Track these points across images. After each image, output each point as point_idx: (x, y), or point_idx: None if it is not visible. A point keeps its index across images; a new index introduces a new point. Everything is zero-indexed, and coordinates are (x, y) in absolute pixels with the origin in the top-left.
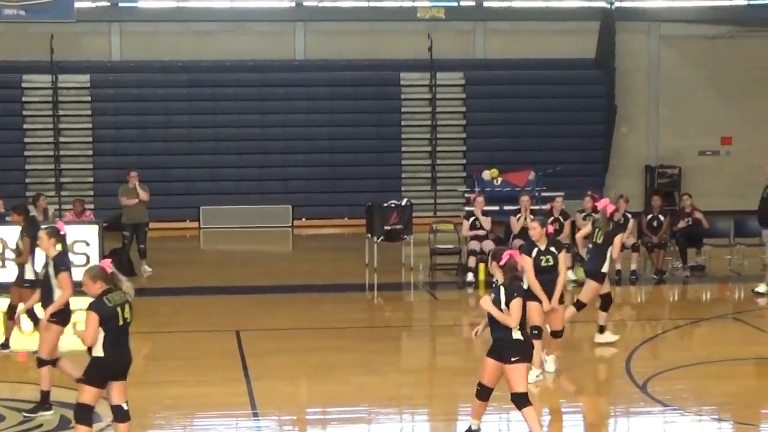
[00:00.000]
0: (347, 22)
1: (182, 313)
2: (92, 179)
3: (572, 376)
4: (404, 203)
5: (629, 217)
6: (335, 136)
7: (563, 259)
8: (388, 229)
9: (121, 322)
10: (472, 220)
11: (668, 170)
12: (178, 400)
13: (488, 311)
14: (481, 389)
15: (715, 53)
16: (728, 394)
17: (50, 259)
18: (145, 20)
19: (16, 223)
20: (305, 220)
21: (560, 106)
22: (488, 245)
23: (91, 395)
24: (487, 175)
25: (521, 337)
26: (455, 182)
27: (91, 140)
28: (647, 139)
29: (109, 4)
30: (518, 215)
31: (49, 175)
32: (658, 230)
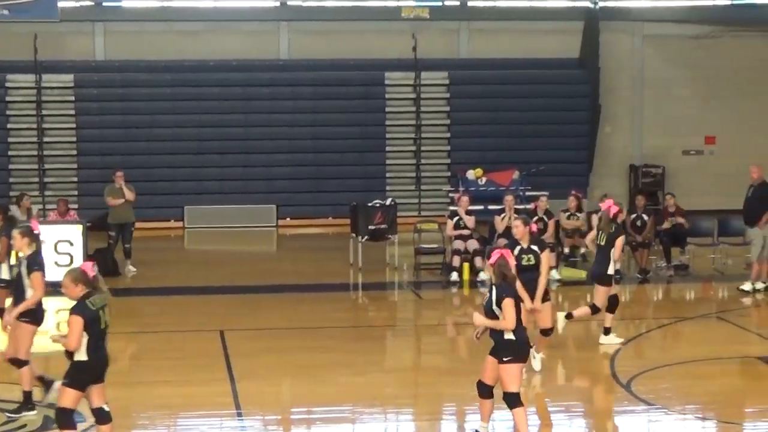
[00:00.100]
0: (332, 21)
1: (166, 313)
2: (76, 179)
3: (557, 375)
4: (389, 203)
5: None
6: (320, 135)
7: (546, 258)
8: (372, 228)
9: (102, 325)
10: (456, 219)
11: (652, 170)
12: (162, 400)
13: (488, 324)
14: (479, 386)
15: (698, 53)
16: (712, 392)
17: (24, 258)
18: (129, 20)
19: None
20: (290, 219)
21: (544, 105)
22: (472, 245)
23: (73, 399)
24: (471, 174)
25: (513, 337)
26: (440, 182)
27: (75, 140)
28: (631, 138)
29: (93, 3)
30: (503, 215)
31: (32, 174)
32: (642, 230)
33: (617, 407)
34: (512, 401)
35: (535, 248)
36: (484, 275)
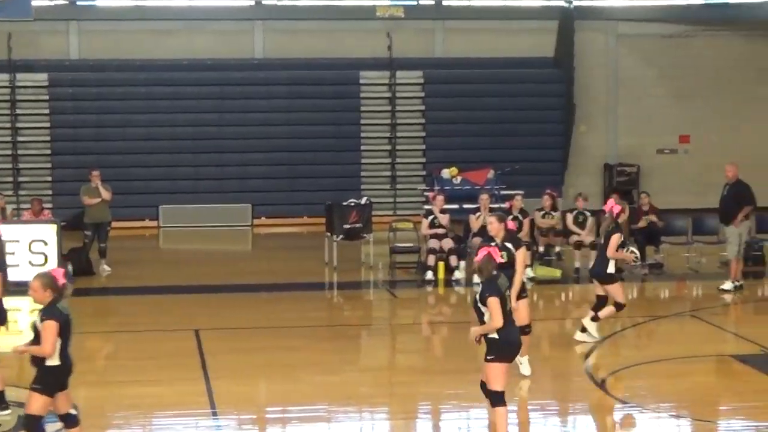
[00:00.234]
0: (306, 20)
1: (141, 312)
2: (50, 178)
3: (531, 374)
4: (364, 202)
5: (588, 215)
6: (294, 134)
7: (521, 256)
8: (347, 227)
9: (72, 329)
10: (431, 218)
11: (627, 168)
12: (136, 399)
13: (478, 332)
14: (482, 386)
15: (672, 52)
16: (686, 391)
17: None
18: (103, 19)
19: None
20: (264, 218)
21: (519, 104)
22: (447, 243)
23: (43, 405)
24: (446, 173)
25: (496, 336)
26: (415, 181)
27: (49, 139)
28: (606, 137)
29: (67, 2)
30: (477, 214)
31: (6, 174)
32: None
33: (592, 405)
34: (493, 400)
35: (509, 246)
36: (459, 274)
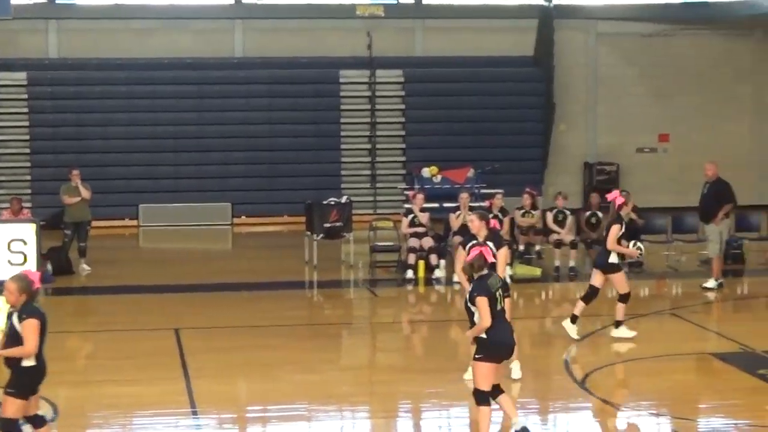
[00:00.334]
0: (286, 19)
1: (121, 311)
2: (29, 177)
3: (511, 371)
4: (344, 201)
5: (567, 213)
6: (274, 133)
7: (502, 255)
8: (327, 226)
9: (47, 329)
10: (411, 217)
11: (606, 167)
12: (116, 399)
13: (470, 335)
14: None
15: (652, 51)
16: (666, 389)
17: None
18: (83, 18)
19: None
20: (245, 217)
21: (499, 103)
22: (428, 242)
23: (19, 408)
24: (426, 172)
25: (485, 336)
26: (395, 180)
27: (28, 138)
28: (585, 136)
29: (46, 1)
30: (458, 212)
31: None
32: (596, 227)
33: (572, 404)
34: (477, 398)
35: (490, 244)
36: (439, 273)
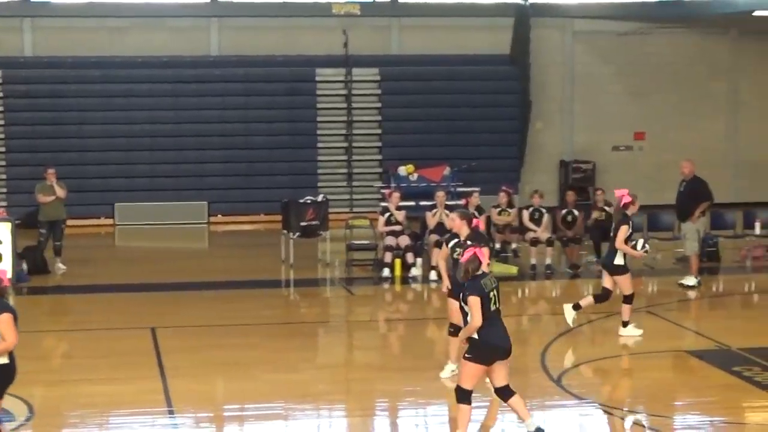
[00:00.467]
0: (262, 18)
1: (97, 310)
2: (5, 176)
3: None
4: (320, 199)
5: (544, 212)
6: (250, 132)
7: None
8: (304, 225)
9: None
10: (387, 215)
11: (582, 165)
12: (92, 398)
13: (463, 336)
14: (495, 391)
15: (627, 49)
16: (642, 386)
17: None
18: (58, 16)
19: None
20: (221, 216)
21: (475, 101)
22: (404, 241)
23: None
24: (403, 170)
25: (476, 336)
26: (371, 178)
27: (3, 137)
28: (561, 134)
29: None
30: (434, 210)
31: None
32: (572, 225)
33: (548, 402)
34: (458, 396)
35: (468, 243)
36: (415, 271)
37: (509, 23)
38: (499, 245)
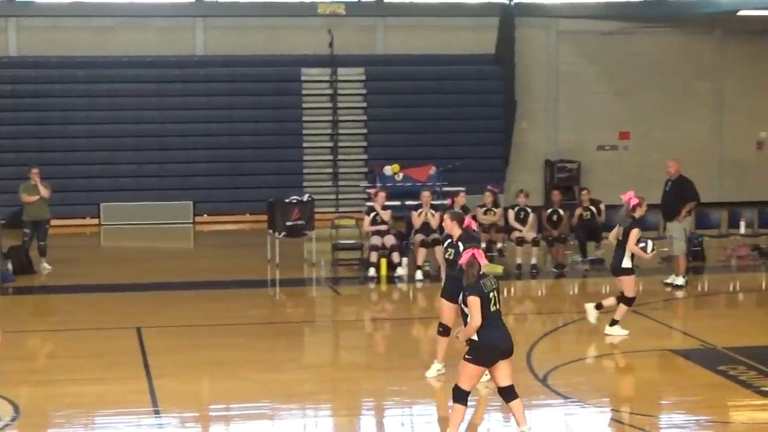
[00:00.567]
0: (247, 17)
1: (82, 310)
2: None
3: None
4: (306, 199)
5: (529, 211)
6: (236, 131)
7: None
8: (289, 224)
9: None
10: (373, 215)
11: (568, 165)
12: (78, 398)
13: (463, 337)
14: (498, 392)
15: (612, 49)
16: (627, 385)
17: None
18: (42, 15)
19: None
20: (206, 216)
21: (461, 101)
22: (389, 240)
23: None
24: (388, 170)
25: (476, 337)
26: (357, 178)
27: None
28: (547, 134)
29: None
30: (419, 210)
31: None
32: (558, 224)
33: (534, 401)
34: (455, 395)
35: (459, 244)
36: (401, 271)
37: (494, 23)
38: (484, 245)
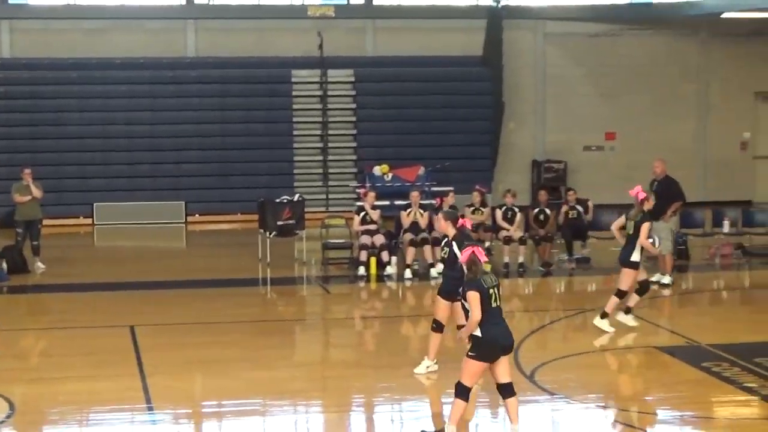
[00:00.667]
0: (238, 20)
1: (76, 309)
2: None
3: (460, 366)
4: (296, 198)
5: (516, 211)
6: (227, 132)
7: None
8: (280, 224)
9: None
10: (362, 214)
11: (554, 165)
12: (72, 395)
13: (465, 333)
14: (497, 387)
15: (598, 51)
16: (613, 382)
17: None
18: (35, 17)
19: None
20: (198, 216)
21: (449, 102)
22: (379, 239)
23: None
24: (378, 170)
25: (479, 333)
26: (346, 178)
27: None
28: (534, 134)
29: None
30: (408, 210)
31: None
32: (544, 224)
33: (521, 397)
34: (458, 391)
35: (454, 243)
36: (390, 269)
37: (482, 25)
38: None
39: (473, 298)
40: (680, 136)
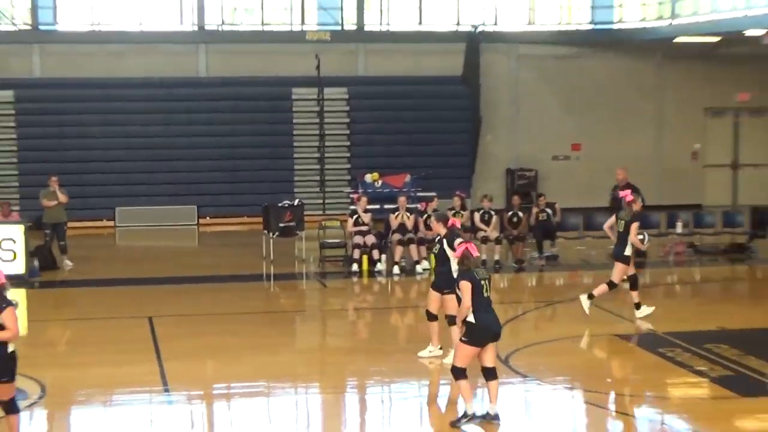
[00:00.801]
0: (245, 43)
1: (100, 302)
2: (17, 183)
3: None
4: (296, 203)
5: (493, 213)
6: (235, 144)
7: (452, 253)
8: (282, 226)
9: None
10: (355, 217)
11: (526, 173)
12: (97, 379)
13: (461, 317)
14: (482, 370)
15: (565, 70)
16: (578, 365)
17: None
18: (63, 42)
19: None
20: (209, 218)
21: (432, 117)
22: (370, 239)
23: (8, 391)
24: (369, 178)
25: (472, 320)
26: (341, 184)
27: (16, 149)
28: (508, 145)
29: (30, 27)
30: (396, 213)
31: None
32: (518, 225)
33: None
34: (455, 374)
35: (444, 241)
36: (380, 266)
37: (461, 48)
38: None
39: (465, 287)
40: (638, 147)
